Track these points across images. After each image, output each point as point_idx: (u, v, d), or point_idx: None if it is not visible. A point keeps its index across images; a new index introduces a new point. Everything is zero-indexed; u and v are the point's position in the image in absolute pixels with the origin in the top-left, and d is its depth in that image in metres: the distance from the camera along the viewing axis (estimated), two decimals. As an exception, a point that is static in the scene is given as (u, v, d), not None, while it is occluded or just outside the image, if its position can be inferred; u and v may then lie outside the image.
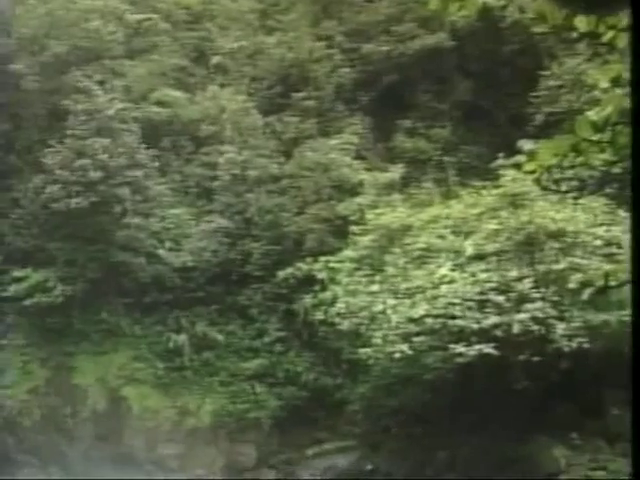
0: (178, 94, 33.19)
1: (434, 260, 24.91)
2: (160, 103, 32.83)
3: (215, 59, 34.55)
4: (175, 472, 28.65)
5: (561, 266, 23.15)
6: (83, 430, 28.94)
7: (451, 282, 23.91)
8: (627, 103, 5.20)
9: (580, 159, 6.15)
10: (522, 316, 22.69)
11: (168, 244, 30.13)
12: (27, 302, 28.73)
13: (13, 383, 29.22)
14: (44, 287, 28.83)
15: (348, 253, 27.06)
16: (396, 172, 30.06)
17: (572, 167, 23.16)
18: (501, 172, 25.70)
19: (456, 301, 23.39)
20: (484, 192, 26.08)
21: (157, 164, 30.74)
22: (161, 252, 29.80)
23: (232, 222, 30.38)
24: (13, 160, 30.64)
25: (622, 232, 21.80)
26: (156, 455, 28.87)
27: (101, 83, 31.19)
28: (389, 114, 32.47)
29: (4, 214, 29.93)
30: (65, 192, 28.60)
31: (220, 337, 29.92)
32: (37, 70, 30.41)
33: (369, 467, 28.39)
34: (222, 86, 33.18)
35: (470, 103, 32.60)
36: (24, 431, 28.73)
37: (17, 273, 29.24)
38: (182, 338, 29.54)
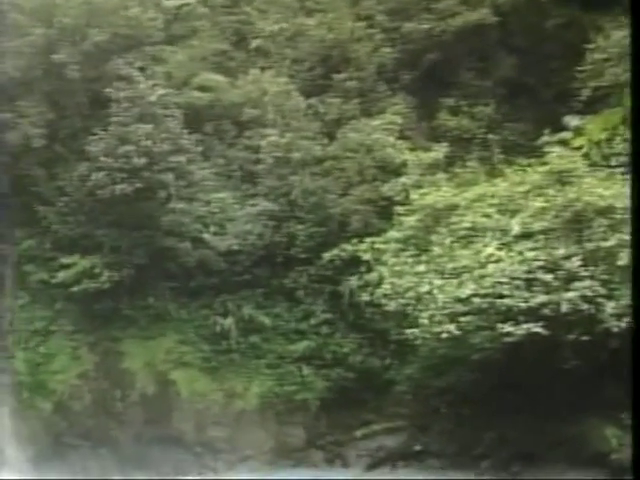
0: (219, 78, 33.17)
1: (480, 239, 24.70)
2: (202, 88, 32.86)
3: (255, 42, 34.47)
4: (224, 453, 28.91)
5: (610, 243, 22.83)
6: (132, 413, 29.25)
7: (498, 261, 23.72)
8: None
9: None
10: (571, 295, 22.44)
11: (213, 228, 30.22)
12: (75, 288, 28.99)
13: (63, 368, 29.58)
14: (91, 273, 29.06)
15: (393, 234, 26.94)
16: (440, 151, 29.81)
17: (622, 141, 22.81)
18: (547, 149, 25.35)
19: (503, 280, 23.20)
20: (530, 170, 25.80)
21: (200, 149, 30.79)
22: (206, 236, 29.91)
23: (276, 205, 30.40)
24: (58, 149, 30.90)
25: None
26: (205, 437, 29.14)
27: (142, 70, 31.29)
28: (432, 93, 32.17)
29: (50, 202, 30.21)
30: (110, 179, 28.77)
31: (266, 320, 30.03)
32: (79, 59, 30.55)
33: (418, 448, 28.39)
34: (263, 69, 33.09)
35: (514, 80, 32.14)
36: (75, 415, 29.11)
37: (64, 260, 29.51)
38: (229, 321, 29.70)
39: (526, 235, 24.06)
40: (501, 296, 23.16)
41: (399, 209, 27.23)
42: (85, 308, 29.56)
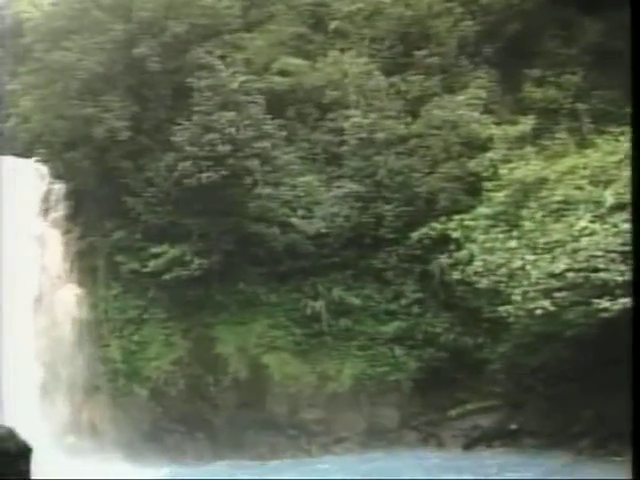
0: (299, 62, 33.11)
1: (573, 212, 24.16)
2: (282, 72, 32.87)
3: (333, 24, 34.23)
4: (318, 436, 29.01)
5: None
6: (226, 398, 29.55)
7: (592, 234, 23.15)
8: None
9: None
10: (670, 266, 21.69)
11: (300, 212, 30.27)
12: (166, 277, 29.36)
13: (157, 355, 30.02)
14: (181, 261, 29.39)
15: (482, 210, 26.57)
16: (527, 124, 29.18)
17: None
18: (639, 115, 24.46)
19: (598, 254, 22.65)
20: (622, 138, 25.03)
21: (284, 133, 30.84)
22: (294, 220, 29.97)
23: (362, 186, 30.27)
24: (143, 140, 31.27)
25: None
26: (298, 420, 29.27)
27: (222, 58, 31.44)
28: (516, 64, 31.42)
29: (139, 193, 30.60)
30: (196, 167, 29.01)
31: (357, 301, 29.99)
32: (159, 51, 30.87)
33: (513, 427, 28.02)
34: (343, 50, 32.90)
35: (601, 45, 31.19)
36: (170, 400, 29.54)
37: (155, 249, 29.89)
38: (319, 304, 29.76)
39: (620, 206, 23.38)
40: (596, 270, 22.61)
41: (487, 185, 26.82)
42: (177, 295, 29.94)
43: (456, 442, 28.55)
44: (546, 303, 23.00)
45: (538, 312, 23.20)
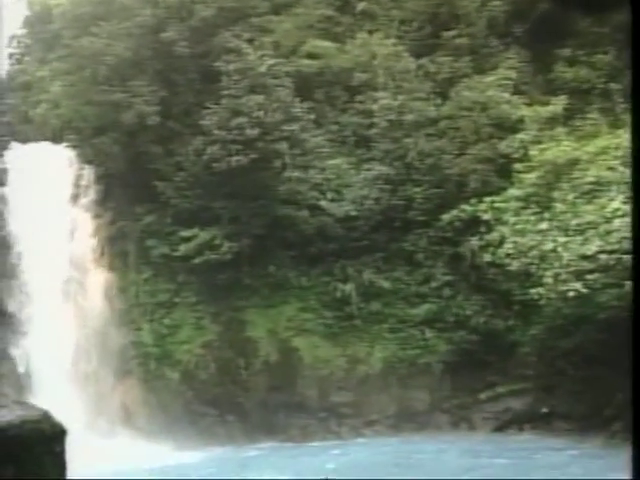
0: (327, 44, 32.97)
1: (605, 193, 23.90)
2: (310, 55, 32.74)
3: (361, 5, 34.02)
4: (348, 418, 29.05)
5: None
6: (257, 381, 29.65)
7: (624, 215, 22.88)
8: None
9: None
10: None
11: (330, 195, 30.24)
12: (196, 260, 29.45)
13: (188, 338, 30.15)
14: (211, 245, 29.47)
15: (513, 192, 26.38)
16: (558, 104, 28.88)
17: None
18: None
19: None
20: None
21: (312, 116, 30.76)
22: (323, 203, 29.94)
23: (392, 168, 30.15)
24: (172, 125, 31.31)
25: None
26: (329, 403, 29.33)
27: (250, 41, 31.37)
28: (546, 44, 31.06)
29: (168, 178, 30.68)
30: (225, 151, 29.03)
31: (387, 284, 29.93)
32: (187, 35, 30.86)
33: (544, 410, 27.88)
34: (371, 32, 32.69)
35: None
36: (202, 383, 29.68)
37: (185, 233, 30.01)
38: (349, 287, 29.74)
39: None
40: (629, 252, 22.32)
41: (518, 166, 26.60)
42: (207, 279, 30.01)
43: (487, 425, 28.49)
44: (578, 285, 22.81)
45: (570, 294, 23.02)
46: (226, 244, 29.33)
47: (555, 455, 24.16)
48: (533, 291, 24.52)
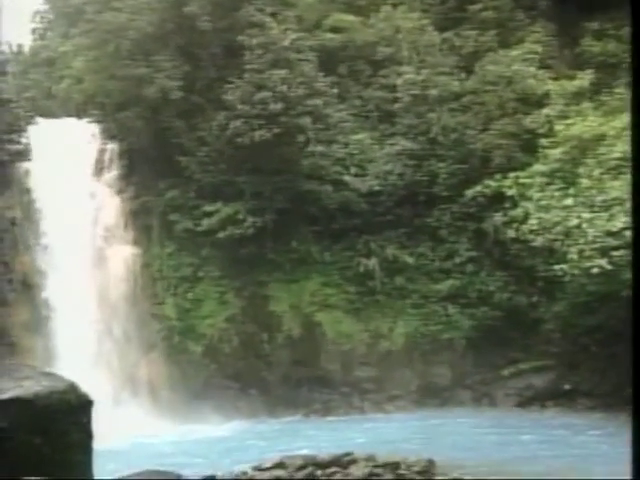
0: (351, 18, 32.75)
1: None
2: (333, 29, 32.54)
3: (385, -22, 33.76)
4: (371, 393, 29.10)
5: None
6: (280, 355, 29.72)
7: (652, 191, 22.57)
8: None
9: None
10: None
11: (353, 170, 30.15)
12: (220, 235, 29.48)
13: (211, 313, 30.24)
14: (235, 220, 29.49)
15: (538, 167, 26.15)
16: (585, 79, 28.53)
17: None
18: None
19: (658, 211, 22.07)
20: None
21: (336, 91, 30.61)
22: (347, 178, 29.86)
23: (416, 143, 30.02)
24: (195, 100, 31.25)
25: None
26: (352, 377, 29.40)
27: (273, 15, 31.18)
28: (573, 17, 30.67)
29: (192, 152, 30.66)
30: (248, 126, 28.96)
31: (410, 260, 29.87)
32: (209, 10, 30.69)
33: (567, 387, 27.77)
34: (395, 5, 32.42)
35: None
36: (225, 357, 29.80)
37: (208, 208, 30.02)
38: (372, 262, 29.70)
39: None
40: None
41: (543, 141, 26.36)
42: (230, 254, 30.06)
43: (509, 401, 28.44)
44: (603, 262, 22.62)
45: (594, 271, 22.84)
46: (249, 219, 29.34)
47: (577, 433, 24.06)
48: (557, 267, 24.36)
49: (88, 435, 3.53)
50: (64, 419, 3.43)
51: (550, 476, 18.92)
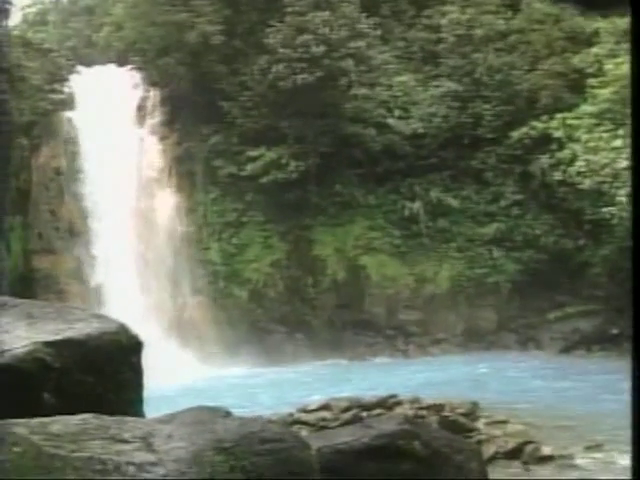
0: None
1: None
2: (376, -31, 31.96)
3: None
4: (415, 337, 29.15)
5: None
6: (325, 299, 29.85)
7: None
8: None
9: None
10: None
11: (397, 112, 29.87)
12: (263, 180, 29.50)
13: (256, 257, 30.38)
14: (278, 164, 29.46)
15: (586, 108, 25.64)
16: (636, 16, 27.75)
17: None
18: None
19: None
20: None
21: (379, 32, 30.20)
22: (390, 121, 29.61)
23: (460, 85, 29.62)
24: (236, 44, 31.05)
25: None
26: (396, 321, 29.45)
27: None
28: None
29: (234, 97, 30.56)
30: (290, 70, 28.75)
31: (455, 202, 29.67)
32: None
33: (614, 331, 27.52)
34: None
35: None
36: (270, 301, 30.00)
37: (251, 153, 29.99)
38: (417, 205, 29.57)
39: None
40: None
41: (592, 81, 25.77)
42: (274, 198, 30.07)
43: (555, 345, 28.29)
44: (652, 203, 22.19)
45: (644, 213, 22.43)
46: (293, 163, 29.28)
47: (623, 378, 23.83)
48: (605, 210, 24.03)
49: (139, 374, 3.55)
50: (115, 359, 3.46)
51: (594, 419, 18.85)
